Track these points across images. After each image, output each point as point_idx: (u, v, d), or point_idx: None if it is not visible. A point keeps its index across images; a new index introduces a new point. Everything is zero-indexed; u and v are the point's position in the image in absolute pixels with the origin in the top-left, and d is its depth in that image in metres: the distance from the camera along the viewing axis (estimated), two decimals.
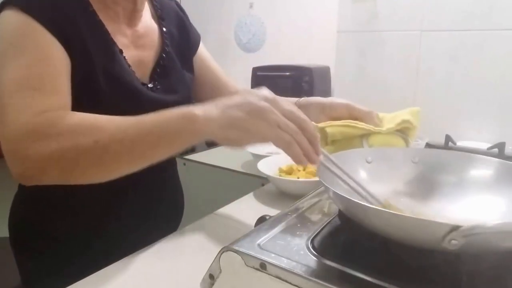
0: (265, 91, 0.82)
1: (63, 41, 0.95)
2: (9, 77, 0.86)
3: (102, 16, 1.07)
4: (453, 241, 0.56)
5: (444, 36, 1.92)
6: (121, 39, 1.11)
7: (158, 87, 1.17)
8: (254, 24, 3.89)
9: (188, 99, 1.28)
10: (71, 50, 0.96)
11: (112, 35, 1.08)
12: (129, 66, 1.10)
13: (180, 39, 1.30)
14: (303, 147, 0.80)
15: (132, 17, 1.16)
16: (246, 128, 0.78)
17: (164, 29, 1.25)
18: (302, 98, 1.21)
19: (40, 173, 0.80)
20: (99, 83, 1.01)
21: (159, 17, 1.26)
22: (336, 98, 1.12)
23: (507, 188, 0.82)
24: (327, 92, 3.10)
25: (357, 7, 2.14)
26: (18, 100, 0.83)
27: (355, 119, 1.06)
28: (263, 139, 0.79)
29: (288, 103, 0.81)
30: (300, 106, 1.17)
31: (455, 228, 0.56)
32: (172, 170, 1.37)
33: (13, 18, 0.92)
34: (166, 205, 1.31)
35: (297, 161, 0.81)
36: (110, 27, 1.08)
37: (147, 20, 1.22)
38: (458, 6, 1.85)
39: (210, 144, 3.85)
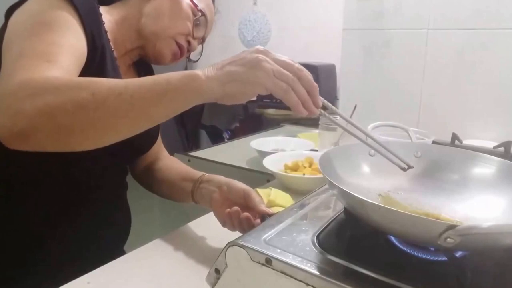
0: (257, 46, 0.82)
1: (89, 40, 0.98)
2: (28, 45, 0.84)
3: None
4: (448, 239, 0.57)
5: (451, 35, 1.91)
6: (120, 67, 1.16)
7: None
8: (258, 21, 3.89)
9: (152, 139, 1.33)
10: (93, 49, 0.99)
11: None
12: None
13: None
14: (300, 96, 0.79)
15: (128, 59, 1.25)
16: (244, 79, 0.77)
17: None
18: (207, 174, 1.20)
19: (30, 129, 0.72)
20: None
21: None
22: (237, 182, 1.11)
23: (509, 188, 0.82)
24: (333, 90, 3.10)
25: (363, 4, 2.14)
26: (28, 63, 0.80)
27: (248, 206, 1.05)
28: (262, 88, 0.77)
29: (281, 55, 0.81)
30: (202, 181, 1.17)
31: (451, 227, 0.56)
32: (123, 195, 1.33)
33: (53, 1, 0.94)
34: (111, 229, 1.26)
35: (295, 110, 0.80)
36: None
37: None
38: (465, 4, 1.85)
39: (215, 142, 3.87)
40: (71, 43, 0.91)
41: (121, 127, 0.77)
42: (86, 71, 0.95)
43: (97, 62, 1.00)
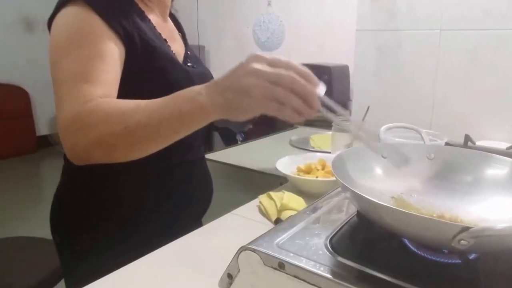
0: (252, 55, 0.84)
1: (123, 33, 1.09)
2: (66, 69, 0.99)
3: (145, 10, 1.24)
4: (462, 241, 0.57)
5: (463, 35, 1.90)
6: (162, 33, 1.26)
7: (194, 66, 1.38)
8: (273, 22, 3.89)
9: (208, 70, 1.47)
10: (132, 39, 1.11)
11: (157, 29, 1.25)
12: (174, 53, 1.28)
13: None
14: (295, 109, 0.81)
15: (164, 13, 1.34)
16: (240, 108, 0.83)
17: (179, 26, 1.47)
18: None
19: (86, 155, 0.94)
20: (161, 62, 1.18)
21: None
22: None
23: None
24: (346, 91, 3.09)
25: (376, 5, 2.14)
26: (71, 90, 0.96)
27: None
28: (257, 113, 0.83)
29: (277, 58, 0.83)
30: None
31: (465, 229, 0.56)
32: (202, 164, 1.46)
33: (77, 12, 1.05)
34: (196, 195, 1.38)
35: (290, 121, 0.83)
36: (153, 21, 1.25)
37: (170, 22, 1.41)
38: (478, 5, 1.84)
39: (228, 144, 3.86)
40: (103, 50, 1.03)
41: (152, 147, 0.94)
42: (133, 54, 1.11)
43: (139, 43, 1.13)
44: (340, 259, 0.67)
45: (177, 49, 1.34)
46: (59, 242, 1.31)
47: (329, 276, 0.62)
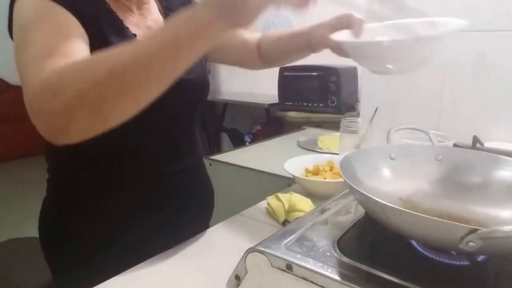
0: None
1: (81, 22, 0.96)
2: (30, 53, 0.86)
3: (113, 6, 1.10)
4: (470, 243, 0.57)
5: (471, 36, 1.89)
6: (133, 29, 1.12)
7: None
8: (282, 23, 3.89)
9: (204, 77, 1.27)
10: (89, 32, 0.97)
11: (125, 24, 1.11)
12: None
13: None
14: None
15: (140, 7, 1.17)
16: (247, 7, 0.75)
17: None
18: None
19: (67, 123, 0.76)
20: None
21: (165, 8, 1.27)
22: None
23: None
24: (354, 92, 3.09)
25: (385, 6, 2.13)
26: (34, 67, 0.83)
27: None
28: (264, 6, 0.76)
29: None
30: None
31: (473, 230, 0.56)
32: (200, 169, 1.38)
33: (32, 2, 0.94)
34: (195, 204, 1.31)
35: (298, 6, 0.80)
36: (121, 16, 1.10)
37: (154, 13, 1.23)
38: (485, 6, 1.83)
39: (236, 145, 3.87)
40: (67, 27, 0.92)
41: (150, 91, 0.77)
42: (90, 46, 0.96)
43: (93, 31, 0.99)
44: (348, 260, 0.67)
45: None
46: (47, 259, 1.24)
47: (337, 277, 0.62)
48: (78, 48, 0.90)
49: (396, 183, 0.90)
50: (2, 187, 4.94)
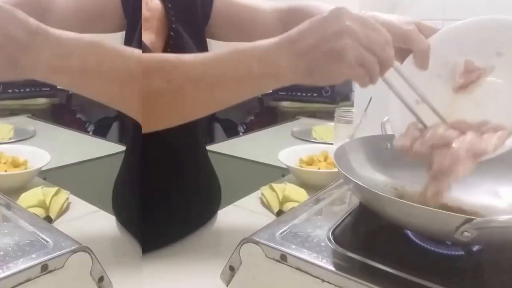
0: (339, 10, 0.74)
1: None
2: None
3: None
4: (465, 233, 0.56)
5: None
6: None
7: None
8: None
9: None
10: None
11: None
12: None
13: (187, 11, 1.20)
14: (373, 76, 0.73)
15: None
16: (326, 73, 0.71)
17: (169, 5, 1.16)
18: None
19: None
20: None
21: None
22: None
23: None
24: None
25: None
26: None
27: None
28: (342, 79, 0.72)
29: (369, 22, 0.73)
30: None
31: (468, 220, 0.56)
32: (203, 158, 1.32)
33: None
34: (202, 191, 1.25)
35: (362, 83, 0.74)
36: None
37: (148, 1, 1.13)
38: None
39: (230, 135, 3.86)
40: None
41: (194, 111, 0.78)
42: None
43: None
44: (343, 251, 0.67)
45: (152, 39, 1.10)
46: None
47: (331, 268, 0.62)
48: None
49: (391, 172, 0.90)
50: None
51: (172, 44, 1.11)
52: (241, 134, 3.48)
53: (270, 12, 1.25)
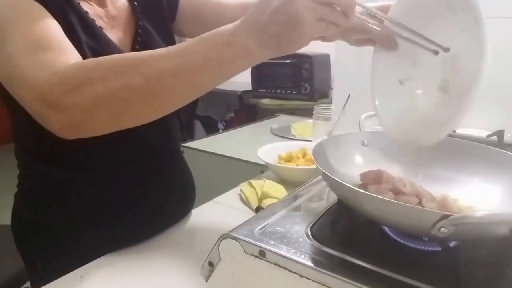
0: None
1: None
2: (15, 47, 0.82)
3: None
4: (442, 229, 0.57)
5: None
6: (98, 21, 1.05)
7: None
8: None
9: None
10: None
11: (91, 16, 1.02)
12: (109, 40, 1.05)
13: (154, 9, 1.21)
14: (338, 24, 0.75)
15: None
16: (289, 40, 0.74)
17: (136, 3, 1.17)
18: None
19: (86, 119, 0.77)
20: (87, 55, 0.94)
21: None
22: None
23: (503, 177, 0.82)
24: (327, 80, 3.10)
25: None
26: (33, 60, 0.80)
27: None
28: (308, 41, 0.75)
29: None
30: None
31: (445, 216, 0.56)
32: (178, 156, 1.33)
33: None
34: (176, 191, 1.23)
35: (330, 35, 0.78)
36: (85, 8, 1.02)
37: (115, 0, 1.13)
38: None
39: (210, 132, 3.86)
40: (44, 20, 0.87)
41: (176, 103, 0.81)
42: None
43: (63, 25, 0.91)
44: (321, 246, 0.67)
45: (120, 37, 1.10)
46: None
47: (309, 264, 0.62)
48: (67, 42, 0.87)
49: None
50: None
51: (140, 40, 1.12)
52: (220, 131, 3.48)
53: (236, 7, 1.27)
